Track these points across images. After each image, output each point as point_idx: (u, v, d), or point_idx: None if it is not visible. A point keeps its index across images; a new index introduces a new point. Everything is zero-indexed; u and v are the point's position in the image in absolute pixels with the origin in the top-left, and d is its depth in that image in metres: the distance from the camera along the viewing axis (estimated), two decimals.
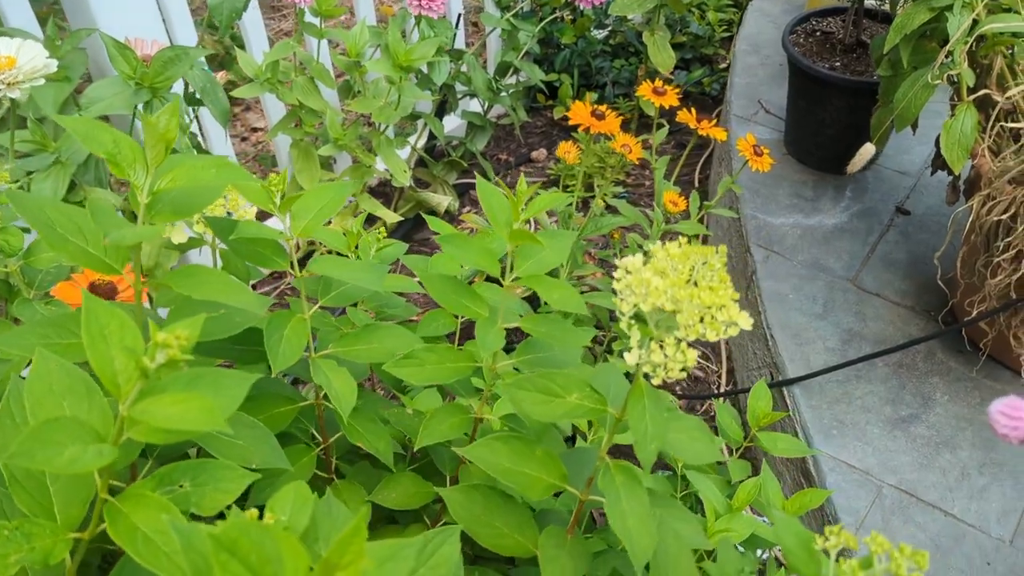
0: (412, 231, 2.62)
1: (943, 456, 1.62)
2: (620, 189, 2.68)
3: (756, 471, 1.84)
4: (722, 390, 2.10)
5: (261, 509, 0.67)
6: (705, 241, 2.51)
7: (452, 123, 2.77)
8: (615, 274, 0.72)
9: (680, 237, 0.73)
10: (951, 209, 1.65)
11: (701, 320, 0.70)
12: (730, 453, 1.40)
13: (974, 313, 1.58)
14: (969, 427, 1.67)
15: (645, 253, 0.75)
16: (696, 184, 2.76)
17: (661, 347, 0.71)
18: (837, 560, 0.58)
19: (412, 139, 2.54)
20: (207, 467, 0.68)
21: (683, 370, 0.71)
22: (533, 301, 1.91)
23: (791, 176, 2.23)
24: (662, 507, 0.82)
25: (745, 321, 0.71)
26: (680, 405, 2.04)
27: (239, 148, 3.04)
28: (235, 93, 2.03)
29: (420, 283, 0.94)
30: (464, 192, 2.76)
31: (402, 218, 2.50)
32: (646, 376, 0.72)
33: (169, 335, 0.55)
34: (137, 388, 0.56)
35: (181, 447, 0.86)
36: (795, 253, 2.02)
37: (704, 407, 2.07)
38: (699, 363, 2.15)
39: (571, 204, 1.77)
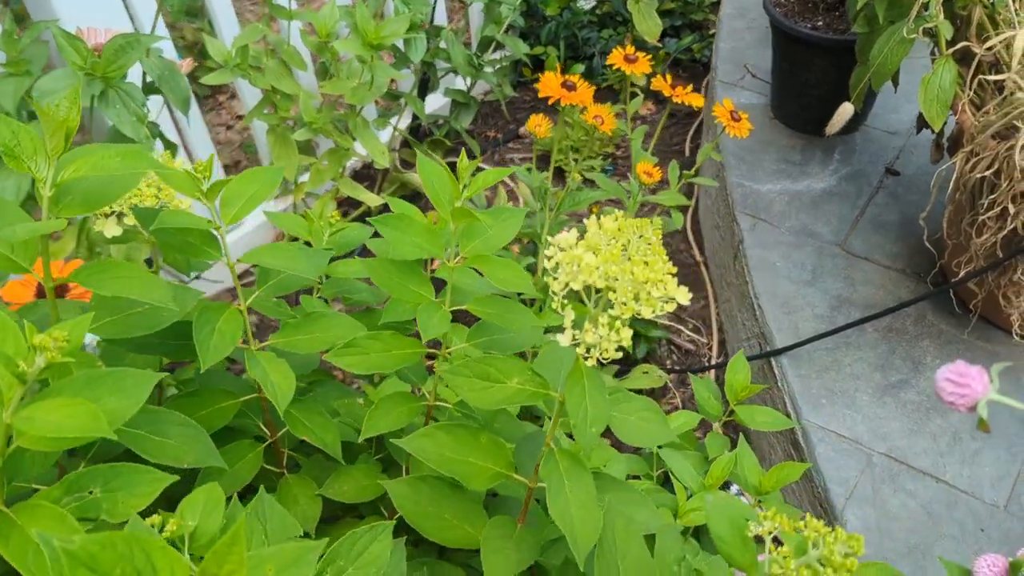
0: None
1: (934, 421, 1.58)
2: (598, 162, 2.63)
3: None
4: (713, 362, 2.07)
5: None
6: (695, 211, 2.46)
7: (436, 102, 2.73)
8: (547, 252, 0.69)
9: (616, 211, 0.69)
10: (938, 168, 1.59)
11: (636, 297, 0.67)
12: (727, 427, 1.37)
13: (961, 274, 1.53)
14: None
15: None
16: (687, 153, 2.71)
17: (596, 327, 0.67)
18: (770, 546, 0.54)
19: (396, 120, 2.49)
20: (120, 471, 0.65)
21: (619, 349, 0.68)
22: None
23: (778, 141, 2.17)
24: (613, 491, 0.79)
25: (683, 296, 0.68)
26: (671, 379, 2.00)
27: (225, 136, 3.00)
28: (204, 80, 1.99)
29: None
30: (452, 171, 2.72)
31: (386, 201, 2.46)
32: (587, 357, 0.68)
33: (46, 337, 0.52)
34: (18, 395, 0.53)
35: (116, 447, 0.83)
36: (783, 220, 1.98)
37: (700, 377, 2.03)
38: (689, 336, 2.12)
39: (547, 179, 1.73)
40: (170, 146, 1.76)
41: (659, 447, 1.22)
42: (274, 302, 1.02)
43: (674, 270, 0.67)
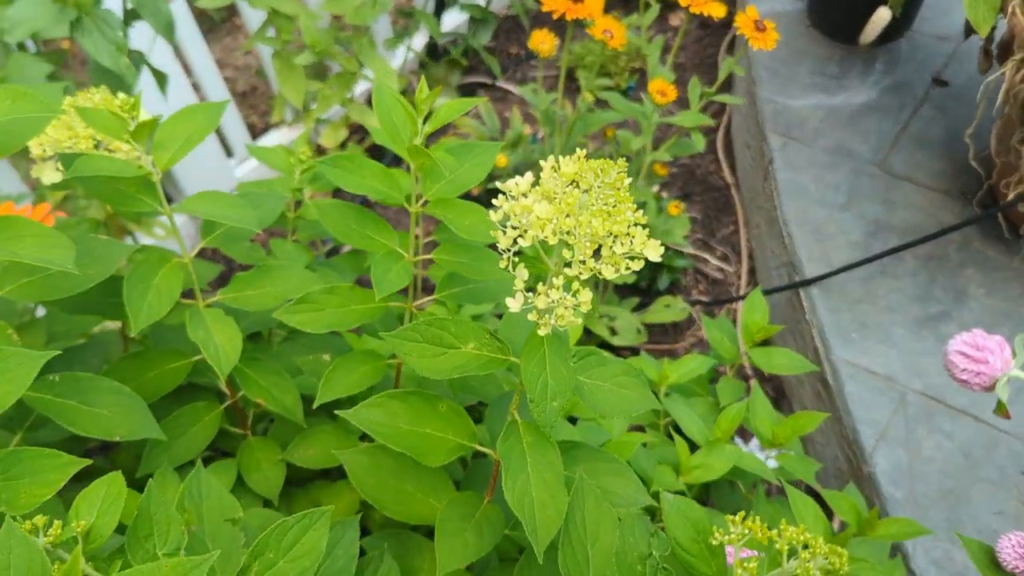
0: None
1: None
2: (624, 79, 2.47)
3: (775, 387, 1.72)
4: (742, 292, 1.95)
5: (143, 480, 0.58)
6: (727, 129, 2.31)
7: (454, 19, 2.58)
8: (494, 200, 0.59)
9: (579, 150, 0.59)
10: (987, 78, 1.44)
11: (595, 254, 0.57)
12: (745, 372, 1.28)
13: (1011, 195, 1.39)
14: (1007, 322, 1.50)
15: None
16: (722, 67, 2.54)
17: (550, 289, 0.58)
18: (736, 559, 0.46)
19: (410, 40, 2.37)
20: (23, 457, 0.58)
21: (576, 314, 0.59)
22: None
23: (814, 52, 2.00)
24: (588, 462, 0.71)
25: (653, 251, 0.58)
26: (696, 311, 1.90)
27: (242, 61, 2.89)
28: (198, 3, 1.89)
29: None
30: (471, 93, 2.59)
31: None
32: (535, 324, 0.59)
33: None
34: None
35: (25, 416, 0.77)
36: (817, 138, 1.83)
37: (723, 312, 1.93)
38: (716, 264, 2.00)
39: (555, 101, 1.61)
40: (160, 77, 1.67)
41: (666, 394, 1.13)
42: (239, 244, 0.94)
43: (644, 220, 0.57)
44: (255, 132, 2.41)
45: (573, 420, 1.00)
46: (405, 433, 0.69)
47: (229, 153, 2.12)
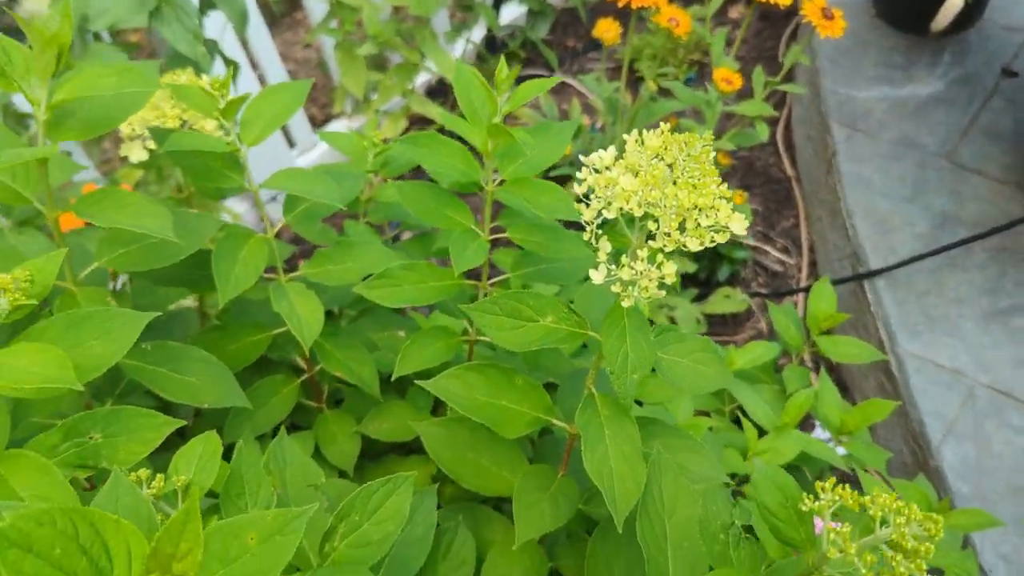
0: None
1: None
2: (683, 71, 2.46)
3: (836, 379, 1.70)
4: (803, 284, 1.94)
5: (226, 450, 0.61)
6: (787, 121, 2.28)
7: (512, 12, 2.59)
8: (578, 174, 0.60)
9: (663, 124, 0.59)
10: None
11: (681, 226, 0.57)
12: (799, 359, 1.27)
13: None
14: None
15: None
16: (782, 59, 2.51)
17: (634, 261, 0.59)
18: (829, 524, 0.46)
19: (469, 32, 2.38)
20: (121, 416, 0.60)
21: (662, 287, 0.59)
22: None
23: (879, 42, 1.97)
24: (664, 438, 0.71)
25: (739, 224, 0.58)
26: (755, 303, 1.89)
27: (302, 55, 2.94)
28: None
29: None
30: None
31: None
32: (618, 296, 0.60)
33: (7, 278, 0.47)
34: None
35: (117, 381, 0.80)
36: (882, 130, 1.80)
37: (783, 304, 1.91)
38: (777, 256, 1.98)
39: (617, 90, 1.61)
40: (231, 65, 1.71)
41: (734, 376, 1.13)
42: (313, 224, 0.97)
43: (728, 194, 0.58)
44: (315, 124, 2.45)
45: (639, 404, 1.01)
46: (482, 405, 0.70)
47: (291, 144, 2.16)
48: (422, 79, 2.34)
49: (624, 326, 0.62)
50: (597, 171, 0.59)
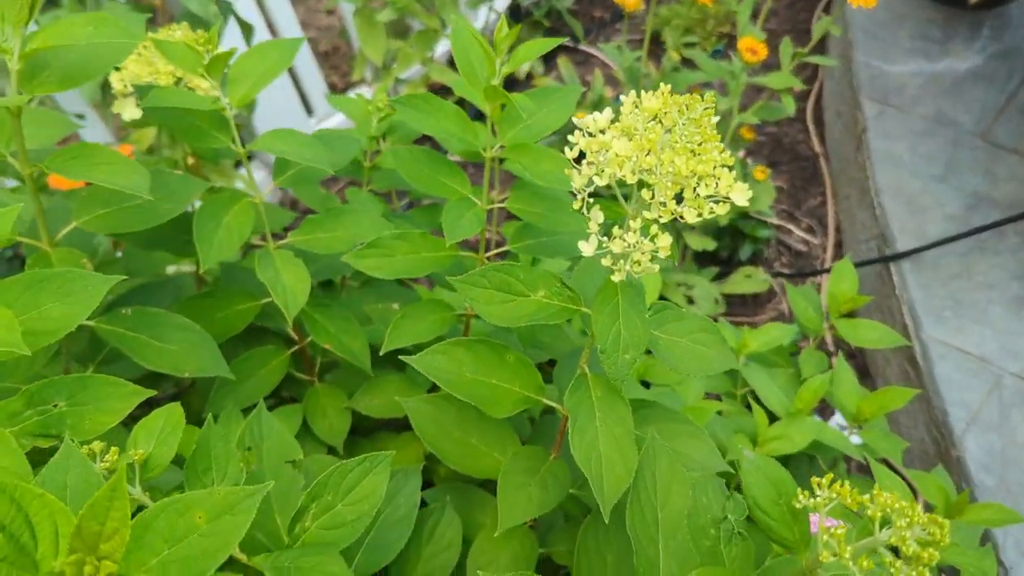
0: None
1: None
2: (711, 43, 2.39)
3: (858, 365, 1.64)
4: (827, 265, 1.88)
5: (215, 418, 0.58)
6: (818, 96, 2.21)
7: None
8: (570, 136, 0.56)
9: (663, 85, 0.55)
10: None
11: (678, 196, 0.53)
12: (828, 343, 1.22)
13: None
14: None
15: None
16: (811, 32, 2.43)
17: (625, 233, 0.55)
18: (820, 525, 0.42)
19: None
20: (88, 384, 0.58)
21: (654, 260, 0.55)
22: None
23: (916, 14, 1.89)
24: (661, 423, 0.68)
25: (740, 194, 0.54)
26: (777, 283, 1.83)
27: (325, 22, 2.90)
28: None
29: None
30: (551, 55, 2.55)
31: None
32: (609, 270, 0.56)
33: None
34: None
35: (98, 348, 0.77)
36: (915, 105, 1.73)
37: (805, 285, 1.86)
38: (801, 236, 1.92)
39: (639, 59, 1.56)
40: (246, 27, 1.67)
41: (745, 363, 1.09)
42: (315, 190, 0.93)
43: (730, 161, 0.53)
44: (336, 91, 2.42)
45: (647, 385, 0.97)
46: (470, 382, 0.66)
47: (310, 112, 2.13)
48: (443, 47, 2.29)
49: (617, 302, 0.58)
50: (591, 135, 0.55)
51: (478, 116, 2.08)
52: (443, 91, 2.38)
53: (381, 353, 0.75)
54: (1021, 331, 1.40)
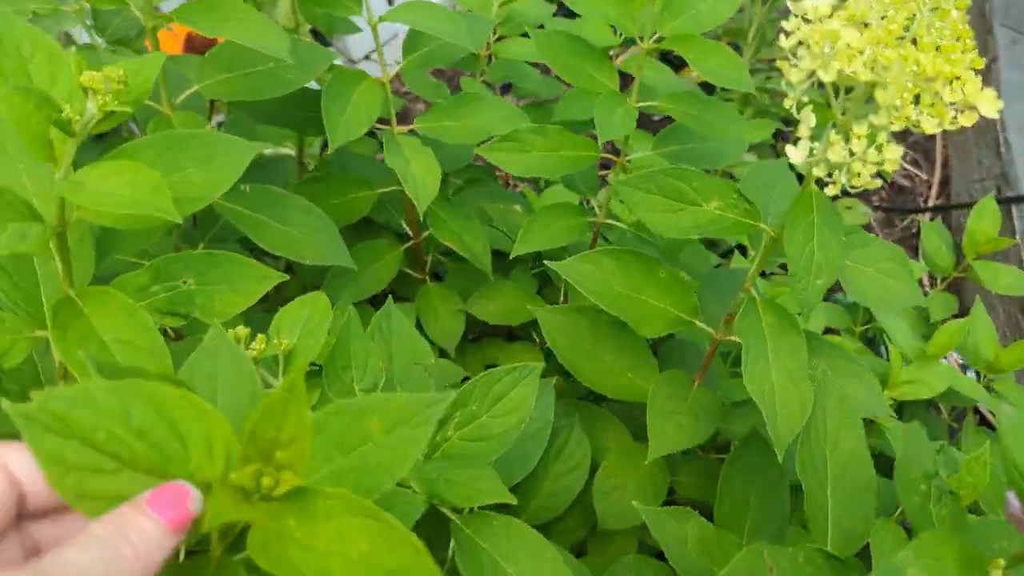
0: None
1: None
2: None
3: (965, 311, 1.56)
4: (931, 203, 1.77)
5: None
6: None
7: None
8: (785, 23, 0.48)
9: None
10: None
11: (916, 100, 0.46)
12: (933, 284, 1.14)
13: None
14: None
15: None
16: None
17: (847, 140, 0.47)
18: None
19: None
20: (219, 261, 0.52)
21: (878, 175, 0.48)
22: None
23: None
24: (827, 358, 0.61)
25: (989, 104, 0.46)
26: (874, 219, 1.73)
27: None
28: None
29: None
30: None
31: None
32: (819, 183, 0.49)
33: (97, 76, 0.38)
34: (69, 151, 0.40)
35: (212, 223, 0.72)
36: None
37: (905, 223, 1.75)
38: (905, 168, 1.81)
39: None
40: None
41: None
42: (430, 82, 0.86)
43: (980, 63, 0.45)
44: None
45: None
46: (619, 296, 0.60)
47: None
48: None
49: (812, 220, 0.51)
50: (809, 20, 0.47)
51: None
52: None
53: (512, 256, 0.69)
54: None
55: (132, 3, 0.58)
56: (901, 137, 1.90)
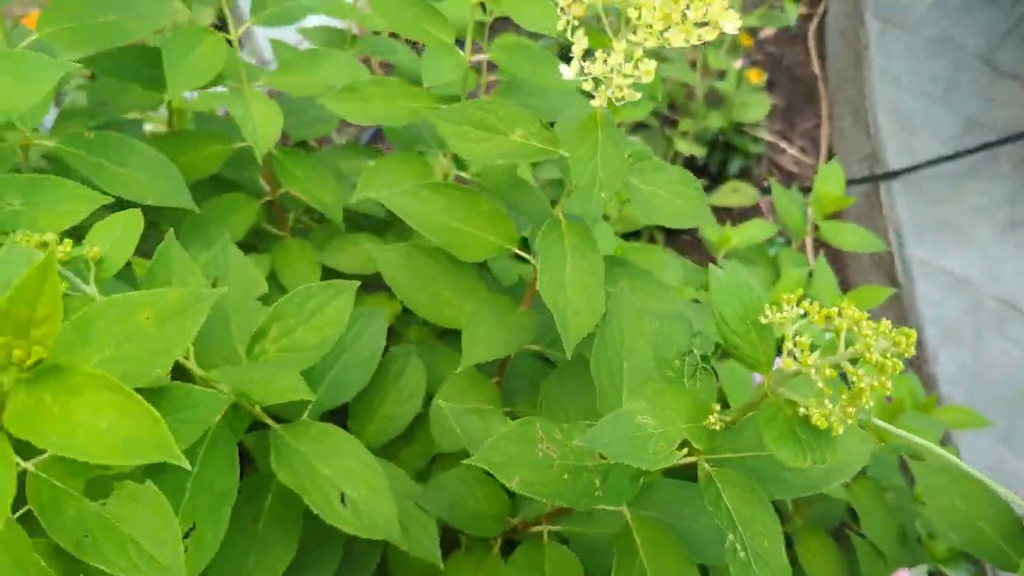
0: None
1: None
2: None
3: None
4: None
5: None
6: (823, 17, 2.16)
7: None
8: None
9: None
10: None
11: (666, 21, 0.51)
12: (789, 245, 1.21)
13: None
14: None
15: None
16: None
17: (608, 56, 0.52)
18: (790, 341, 0.41)
19: None
20: (43, 185, 0.55)
21: (636, 87, 0.53)
22: None
23: None
24: (633, 280, 0.66)
25: (731, 21, 0.51)
26: (764, 203, 1.81)
27: None
28: None
29: None
30: None
31: None
32: (588, 96, 0.54)
33: None
34: None
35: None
36: (921, 26, 1.70)
37: None
38: (794, 156, 1.90)
39: None
40: None
41: (723, 259, 1.08)
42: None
43: None
44: None
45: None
46: (442, 227, 0.65)
47: None
48: None
49: (596, 138, 0.56)
50: None
51: None
52: None
53: (354, 199, 0.73)
54: (1006, 255, 1.40)
55: None
56: (791, 127, 2.00)
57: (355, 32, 1.06)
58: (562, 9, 0.52)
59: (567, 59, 0.53)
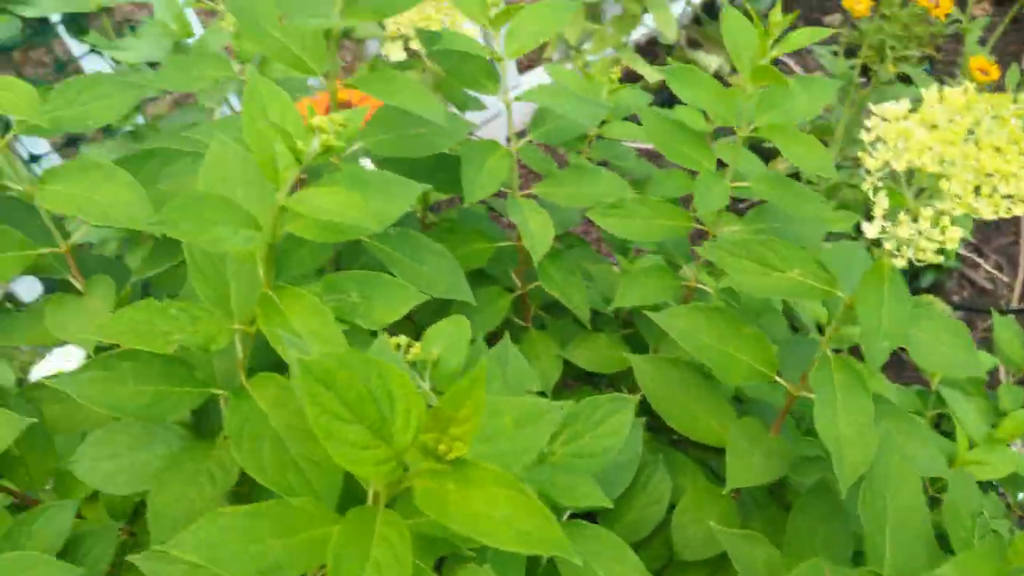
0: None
1: None
2: (911, 66, 2.31)
3: None
4: (1013, 306, 1.80)
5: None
6: None
7: None
8: (867, 121, 0.57)
9: (966, 82, 0.56)
10: None
11: (976, 191, 0.54)
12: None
13: None
14: None
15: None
16: None
17: (914, 220, 0.56)
18: None
19: None
20: (377, 281, 0.63)
21: (940, 252, 0.56)
22: None
23: None
24: (893, 420, 0.68)
25: None
26: (953, 317, 1.77)
27: None
28: None
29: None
30: None
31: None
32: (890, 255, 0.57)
33: (324, 119, 0.49)
34: (292, 175, 0.51)
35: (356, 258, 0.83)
36: None
37: (986, 324, 1.78)
38: (988, 271, 1.85)
39: (853, 68, 1.53)
40: None
41: (939, 385, 1.07)
42: (541, 155, 0.98)
43: None
44: (520, 68, 2.45)
45: None
46: (706, 346, 0.69)
47: None
48: (637, 33, 2.31)
49: (883, 289, 0.59)
50: (887, 120, 0.57)
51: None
52: (628, 76, 2.39)
53: (611, 308, 0.78)
54: None
55: (319, 71, 0.70)
56: (986, 241, 1.95)
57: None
58: (867, 171, 0.56)
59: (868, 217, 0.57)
